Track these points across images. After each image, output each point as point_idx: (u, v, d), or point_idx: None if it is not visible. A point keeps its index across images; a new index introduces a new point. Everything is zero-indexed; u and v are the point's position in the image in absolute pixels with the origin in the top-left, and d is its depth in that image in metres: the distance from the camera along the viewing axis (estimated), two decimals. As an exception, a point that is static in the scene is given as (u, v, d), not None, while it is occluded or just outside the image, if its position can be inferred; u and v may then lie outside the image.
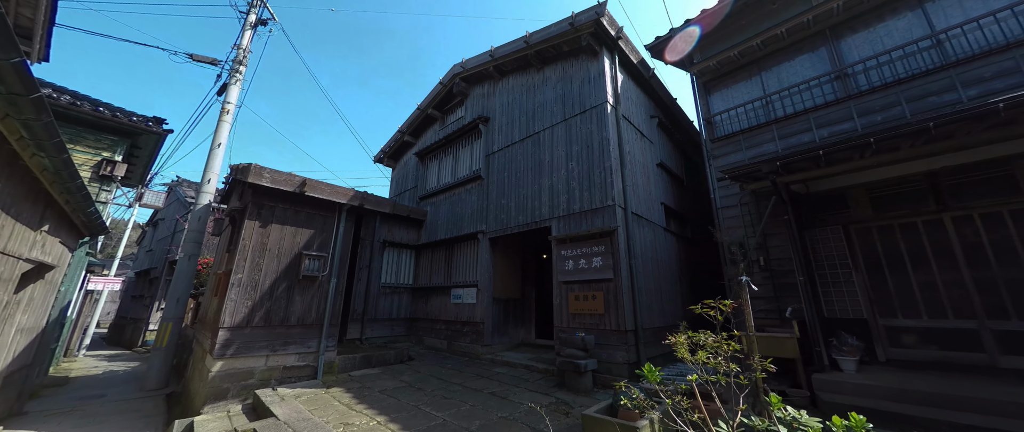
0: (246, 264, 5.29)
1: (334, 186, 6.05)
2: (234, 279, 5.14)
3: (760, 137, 6.22)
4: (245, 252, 5.31)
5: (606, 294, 5.26)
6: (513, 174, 7.40)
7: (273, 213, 5.68)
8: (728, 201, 6.40)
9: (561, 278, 5.84)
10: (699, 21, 6.70)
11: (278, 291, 5.51)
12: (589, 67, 6.55)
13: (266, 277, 5.43)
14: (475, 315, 7.25)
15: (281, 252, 5.65)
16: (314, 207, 6.13)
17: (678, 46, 7.06)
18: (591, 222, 5.74)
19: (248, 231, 5.38)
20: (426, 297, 8.68)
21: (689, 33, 6.71)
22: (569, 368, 4.90)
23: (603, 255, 5.39)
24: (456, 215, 8.56)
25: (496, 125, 8.23)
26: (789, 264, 5.67)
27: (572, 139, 6.45)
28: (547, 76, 7.37)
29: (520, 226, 6.90)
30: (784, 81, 6.28)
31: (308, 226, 6.01)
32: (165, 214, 15.83)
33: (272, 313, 5.39)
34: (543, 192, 6.66)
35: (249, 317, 5.16)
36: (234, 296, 5.09)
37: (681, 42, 6.95)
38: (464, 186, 8.57)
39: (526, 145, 7.32)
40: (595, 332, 5.25)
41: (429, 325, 8.38)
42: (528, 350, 7.25)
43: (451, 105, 9.96)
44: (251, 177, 5.18)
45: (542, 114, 7.17)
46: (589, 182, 5.94)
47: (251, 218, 5.45)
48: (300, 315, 5.65)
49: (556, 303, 5.88)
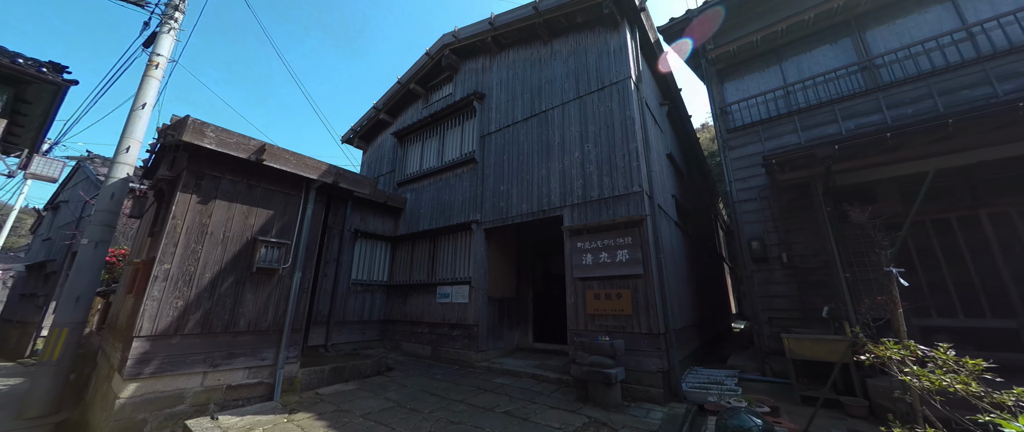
0: (177, 250, 3.96)
1: (302, 157, 4.83)
2: (158, 270, 3.80)
3: (780, 128, 5.91)
4: (176, 235, 3.98)
5: (634, 292, 4.58)
6: (514, 157, 6.55)
7: (218, 186, 4.37)
8: (746, 195, 6.03)
9: (577, 274, 5.09)
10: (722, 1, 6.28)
11: (222, 287, 4.22)
12: (608, 40, 5.87)
13: (206, 269, 4.13)
14: (467, 316, 6.31)
15: (228, 237, 4.36)
16: (274, 182, 4.87)
17: (697, 29, 6.62)
18: (613, 210, 5.05)
19: (181, 208, 4.05)
20: (405, 296, 7.56)
21: (711, 15, 6.28)
22: (595, 378, 4.16)
23: (630, 248, 4.71)
24: (443, 203, 7.53)
25: (493, 103, 7.33)
26: (814, 260, 5.37)
27: (588, 118, 5.73)
28: (556, 49, 6.60)
29: (523, 215, 6.07)
30: (804, 71, 6.03)
31: (265, 206, 4.74)
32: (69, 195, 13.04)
33: (213, 316, 4.10)
34: (552, 177, 5.88)
35: (180, 322, 3.85)
36: (157, 294, 3.77)
37: (701, 25, 6.51)
38: (453, 170, 7.57)
39: (531, 125, 6.50)
40: (621, 335, 4.55)
41: (409, 328, 7.27)
42: (528, 355, 6.43)
43: (438, 80, 8.88)
44: (188, 135, 3.87)
45: (551, 91, 6.39)
46: (610, 166, 5.26)
47: (186, 190, 4.12)
48: (252, 318, 4.39)
49: (570, 302, 5.12)
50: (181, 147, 4.14)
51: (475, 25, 7.51)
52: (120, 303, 5.01)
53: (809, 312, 5.17)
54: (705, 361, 6.58)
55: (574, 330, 4.98)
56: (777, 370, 5.24)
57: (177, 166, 4.44)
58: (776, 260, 5.55)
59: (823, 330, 4.81)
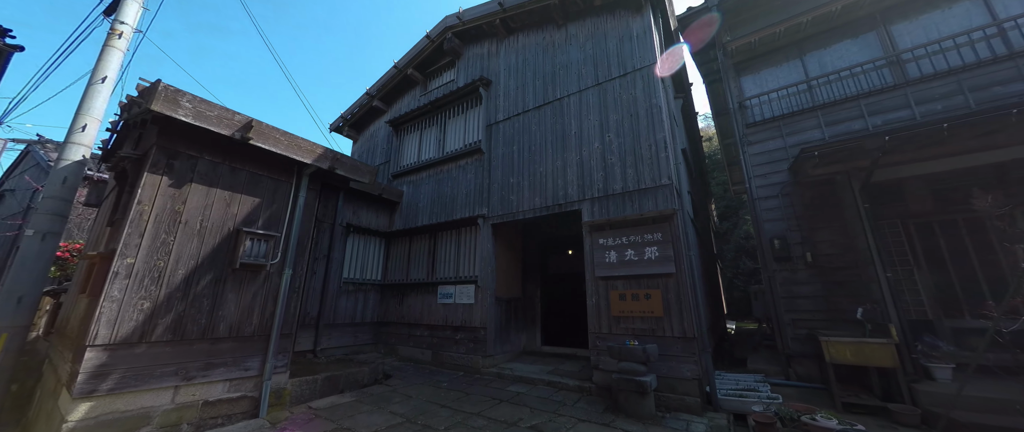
0: (143, 242, 3.32)
1: (294, 137, 4.24)
2: (119, 265, 3.16)
3: (802, 123, 5.71)
4: (142, 223, 3.34)
5: (665, 292, 4.23)
6: (525, 147, 6.11)
7: (194, 168, 3.74)
8: (767, 191, 5.80)
9: (599, 273, 4.71)
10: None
11: (199, 286, 3.60)
12: (630, 24, 5.52)
13: (179, 264, 3.50)
14: (473, 318, 5.82)
15: (206, 228, 3.73)
16: (261, 165, 4.26)
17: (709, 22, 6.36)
18: (639, 204, 4.69)
19: (149, 191, 3.41)
20: (401, 296, 7.00)
21: (731, 5, 6.02)
22: (627, 387, 3.78)
23: (660, 244, 4.36)
24: (444, 196, 7.01)
25: (501, 90, 6.87)
26: (839, 260, 5.17)
27: (609, 106, 5.36)
28: (572, 33, 6.20)
29: (536, 210, 5.64)
30: (826, 66, 5.85)
31: (251, 192, 4.12)
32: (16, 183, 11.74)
33: (187, 320, 3.47)
34: (569, 169, 5.47)
35: (146, 327, 3.22)
36: (118, 293, 3.13)
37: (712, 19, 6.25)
38: (456, 162, 7.06)
39: (543, 113, 6.08)
40: (651, 339, 4.19)
41: (405, 331, 6.72)
42: (538, 360, 6.01)
43: (438, 66, 8.33)
44: (159, 104, 3.24)
45: (566, 77, 5.99)
46: (634, 157, 4.90)
47: (156, 171, 3.48)
48: (234, 322, 3.78)
49: (591, 303, 4.73)
50: (150, 120, 3.49)
51: (483, 6, 7.03)
52: (72, 304, 4.27)
53: (836, 313, 4.96)
54: (720, 365, 6.34)
55: (596, 333, 4.60)
56: (802, 374, 5.01)
57: (144, 143, 3.78)
58: (800, 259, 5.33)
59: (852, 332, 4.60)
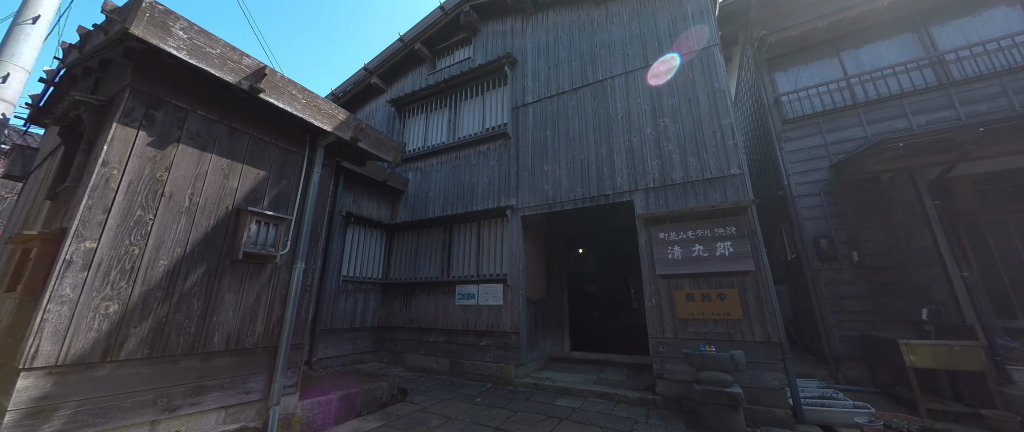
0: (110, 219, 2.36)
1: (313, 95, 3.37)
2: (72, 251, 2.20)
3: (843, 121, 5.61)
4: (108, 193, 2.38)
5: (742, 292, 3.82)
6: (561, 132, 5.54)
7: (183, 124, 2.79)
8: (806, 189, 5.64)
9: (661, 270, 4.23)
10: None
11: (187, 282, 2.67)
12: (684, 3, 5.13)
13: (160, 251, 2.56)
14: (501, 322, 5.15)
15: (198, 204, 2.80)
16: (268, 129, 3.35)
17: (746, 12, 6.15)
18: (704, 195, 4.28)
19: (120, 149, 2.45)
20: (407, 297, 6.15)
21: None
22: (714, 400, 3.30)
23: (734, 239, 3.95)
24: (461, 185, 6.27)
25: (529, 70, 6.25)
26: (887, 259, 5.06)
27: (662, 89, 4.92)
28: (612, 12, 5.73)
29: (577, 200, 5.08)
30: (863, 65, 5.81)
31: (255, 163, 3.21)
32: None
33: (171, 328, 2.54)
34: (615, 156, 4.97)
35: (112, 339, 2.27)
36: (70, 291, 2.17)
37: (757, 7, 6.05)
38: (474, 147, 6.34)
39: (582, 96, 5.54)
40: (726, 344, 3.76)
41: (415, 337, 5.89)
42: (570, 368, 5.42)
43: (450, 42, 7.55)
44: (143, 27, 2.30)
45: (609, 58, 5.49)
46: (696, 144, 4.48)
47: (129, 123, 2.52)
48: (233, 330, 2.87)
49: (650, 304, 4.24)
50: (128, 44, 2.52)
51: (509, -23, 6.37)
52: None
53: (885, 314, 4.83)
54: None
55: (659, 338, 4.10)
56: (852, 377, 4.83)
57: (113, 83, 2.78)
58: (845, 259, 5.18)
59: (906, 333, 4.46)
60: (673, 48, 4.99)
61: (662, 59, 5.47)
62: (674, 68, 5.37)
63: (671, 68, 5.39)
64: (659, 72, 5.30)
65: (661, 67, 5.32)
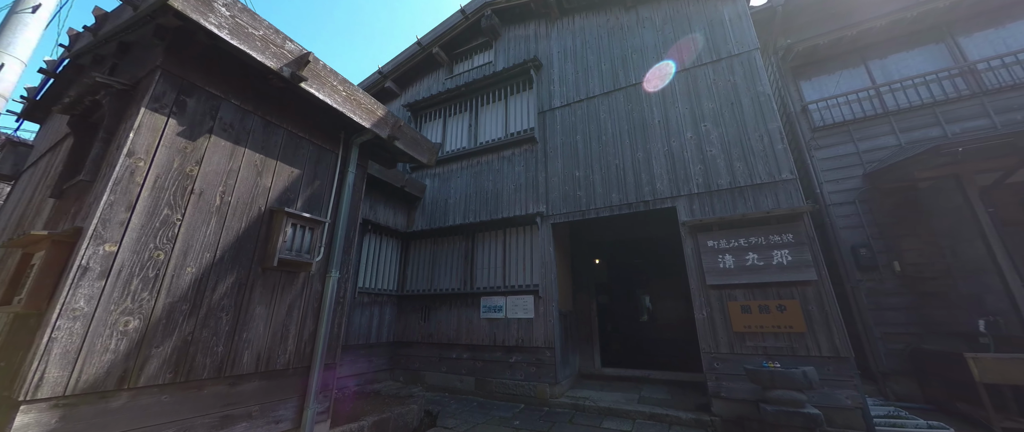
0: (133, 217, 2.02)
1: (353, 87, 3.09)
2: (89, 256, 1.84)
3: (874, 129, 5.56)
4: (133, 187, 2.04)
5: (804, 303, 3.59)
6: (593, 137, 5.35)
7: (215, 113, 2.48)
8: (840, 198, 5.53)
9: (711, 280, 3.99)
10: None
11: (216, 293, 2.31)
12: (719, 7, 5.05)
13: (187, 257, 2.21)
14: (533, 336, 4.81)
15: (229, 204, 2.46)
16: (302, 124, 3.06)
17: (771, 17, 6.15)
18: (754, 201, 4.09)
19: (147, 138, 2.12)
20: (426, 310, 5.78)
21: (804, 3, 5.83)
22: (789, 423, 3.03)
23: (792, 247, 3.75)
24: (484, 192, 5.99)
25: (555, 74, 6.09)
26: (930, 269, 4.93)
27: (701, 93, 4.79)
28: (643, 16, 5.63)
29: (614, 207, 4.85)
30: (891, 74, 5.81)
31: (288, 160, 2.90)
32: None
33: (197, 348, 2.17)
34: (654, 161, 4.78)
35: (130, 361, 1.90)
36: (85, 303, 1.80)
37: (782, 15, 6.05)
38: (498, 152, 6.10)
39: (614, 100, 5.38)
40: (792, 359, 3.51)
41: (436, 353, 5.50)
42: (605, 385, 5.09)
43: (469, 47, 7.38)
44: (182, 1, 2.01)
45: (641, 61, 5.37)
46: (742, 148, 4.32)
47: (159, 109, 2.20)
48: (263, 349, 2.50)
49: (701, 317, 3.98)
50: (156, 30, 2.22)
51: (534, -18, 6.27)
52: None
53: (930, 326, 4.67)
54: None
55: (713, 353, 3.83)
56: (901, 393, 4.62)
57: (134, 69, 2.46)
58: (886, 269, 5.04)
59: (956, 345, 4.29)
60: (710, 52, 4.89)
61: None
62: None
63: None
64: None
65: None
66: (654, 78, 5.36)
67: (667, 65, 5.43)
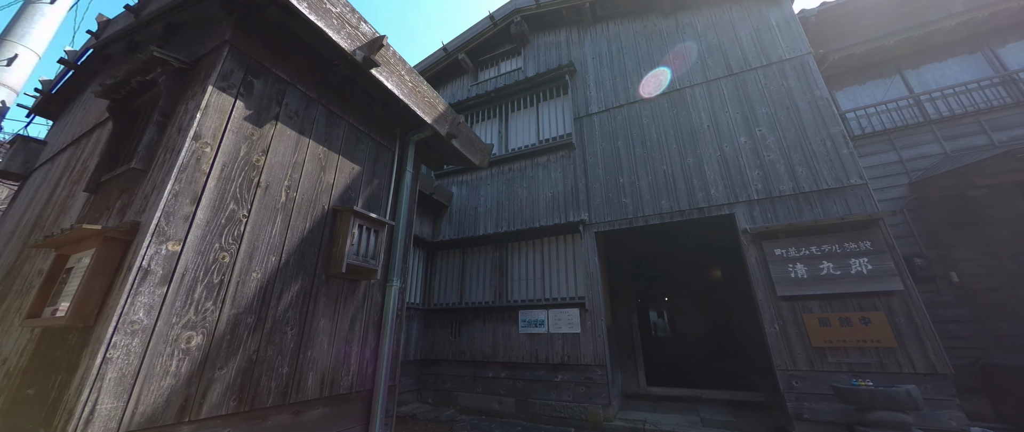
0: (198, 212, 1.70)
1: (417, 76, 2.84)
2: (149, 256, 1.51)
3: (917, 137, 5.48)
4: (199, 176, 1.73)
5: (891, 315, 3.36)
6: (637, 142, 5.16)
7: (282, 99, 2.20)
8: (887, 207, 5.36)
9: (783, 291, 3.74)
10: (848, 1, 5.90)
11: (281, 304, 1.98)
12: (766, 13, 4.99)
13: (253, 260, 1.88)
14: (581, 353, 4.48)
15: (294, 201, 2.16)
16: (362, 116, 2.79)
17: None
18: (822, 207, 3.90)
19: (215, 120, 1.83)
20: (456, 325, 5.41)
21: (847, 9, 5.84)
22: (899, 450, 2.73)
23: (872, 255, 3.54)
24: (518, 200, 5.73)
25: (591, 79, 5.95)
26: (990, 280, 4.75)
27: (752, 98, 4.65)
28: (683, 22, 5.56)
29: (664, 215, 4.63)
30: (927, 83, 5.80)
31: (349, 155, 2.61)
32: None
33: (262, 369, 1.83)
34: (706, 166, 4.59)
35: (193, 387, 1.55)
36: (144, 315, 1.46)
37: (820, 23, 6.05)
38: (532, 159, 5.88)
39: (658, 105, 5.23)
40: (882, 377, 3.24)
41: (468, 373, 5.10)
42: (655, 405, 4.73)
43: (496, 53, 7.25)
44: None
45: (684, 66, 5.25)
46: (803, 153, 4.16)
47: (227, 88, 1.91)
48: (327, 369, 2.15)
49: (772, 330, 3.71)
50: (224, 4, 1.96)
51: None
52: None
53: (996, 339, 4.45)
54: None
55: (790, 371, 3.54)
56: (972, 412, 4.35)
57: (194, 45, 2.17)
58: (942, 280, 4.85)
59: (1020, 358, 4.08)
60: (760, 56, 4.79)
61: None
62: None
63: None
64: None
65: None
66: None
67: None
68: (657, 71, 5.49)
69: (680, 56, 5.34)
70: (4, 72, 3.73)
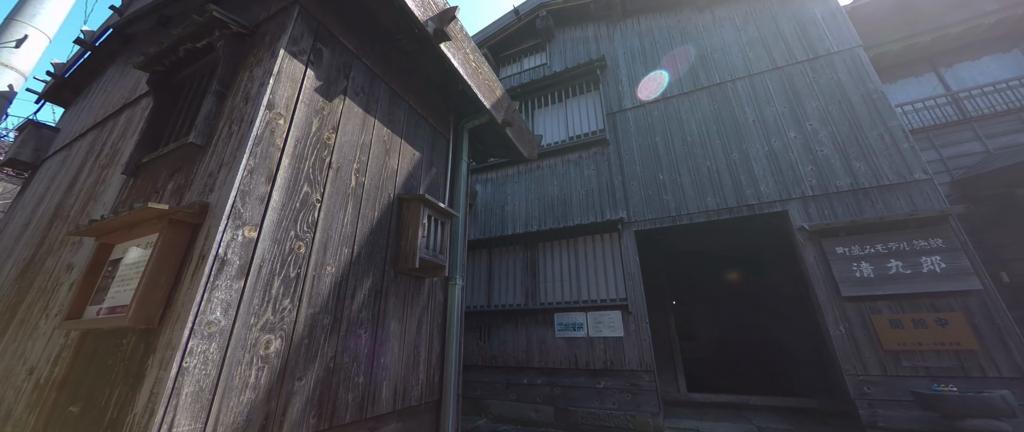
0: (273, 192, 1.45)
1: (480, 55, 2.61)
2: (225, 242, 1.25)
3: (957, 135, 5.38)
4: (272, 151, 1.47)
5: (970, 316, 3.17)
6: (676, 138, 4.98)
7: (349, 72, 1.95)
8: (929, 205, 5.26)
9: (847, 291, 3.54)
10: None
11: (355, 302, 1.72)
12: (810, 6, 4.86)
13: (326, 251, 1.62)
14: (625, 357, 4.24)
15: (363, 186, 1.91)
16: (422, 99, 2.56)
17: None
18: (884, 203, 3.72)
19: (287, 89, 1.57)
20: (486, 329, 5.14)
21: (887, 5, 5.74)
22: (1001, 463, 2.52)
23: (945, 253, 3.36)
24: (549, 198, 5.51)
25: (622, 74, 5.77)
26: (1042, 281, 4.65)
27: (800, 92, 4.50)
28: (719, 16, 5.41)
29: (710, 212, 4.43)
30: (962, 81, 5.71)
31: (411, 141, 2.37)
32: None
33: (338, 379, 1.56)
34: (754, 162, 4.41)
35: (272, 401, 1.29)
36: (221, 314, 1.20)
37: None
38: (561, 156, 5.66)
39: (697, 100, 5.05)
40: (963, 382, 3.04)
41: (500, 379, 4.83)
42: (701, 413, 4.49)
43: (518, 49, 7.05)
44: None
45: (724, 61, 5.09)
46: (860, 148, 3.99)
47: (296, 53, 1.66)
48: (398, 378, 1.89)
49: (837, 333, 3.50)
50: (291, -45, 1.72)
51: (598, -18, 6.04)
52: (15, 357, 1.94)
53: (1053, 343, 4.30)
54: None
55: (861, 377, 3.34)
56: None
57: (260, 4, 1.92)
58: (993, 280, 4.71)
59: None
60: (806, 50, 4.64)
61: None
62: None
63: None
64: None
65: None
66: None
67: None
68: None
69: (718, 50, 5.18)
70: (12, 54, 3.45)
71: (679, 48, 5.51)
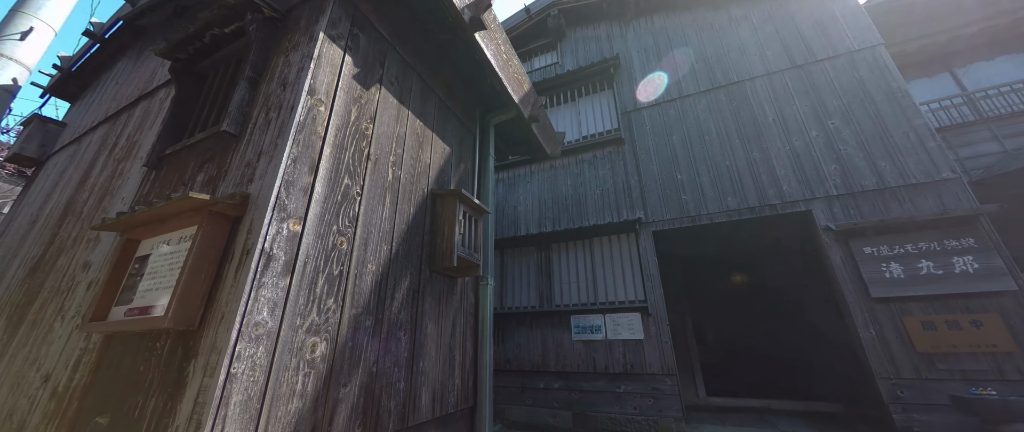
0: (316, 184, 1.34)
1: (511, 47, 2.52)
2: (271, 235, 1.14)
3: (973, 135, 5.34)
4: (314, 140, 1.37)
5: (1006, 317, 3.10)
6: (694, 137, 4.90)
7: (384, 61, 1.86)
8: (946, 206, 5.21)
9: (877, 292, 3.46)
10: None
11: (395, 302, 1.61)
12: (825, 3, 4.82)
13: (367, 247, 1.52)
14: (646, 360, 4.13)
15: (400, 180, 1.81)
16: (450, 92, 2.46)
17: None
18: (912, 203, 3.65)
19: (328, 74, 1.47)
20: (500, 332, 5.02)
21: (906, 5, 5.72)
22: (1050, 469, 2.44)
23: (977, 253, 3.29)
24: (562, 198, 5.42)
25: (636, 73, 5.71)
26: (1064, 283, 4.59)
27: (821, 90, 4.44)
28: (735, 15, 5.36)
29: (731, 212, 4.35)
30: (977, 81, 5.69)
31: (442, 135, 2.28)
32: None
33: (381, 384, 1.45)
34: (775, 161, 4.34)
35: (319, 410, 1.18)
36: (268, 314, 1.09)
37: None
38: (575, 156, 5.58)
39: (714, 98, 4.99)
40: (1002, 385, 2.96)
41: (516, 383, 4.71)
42: (723, 418, 4.39)
43: (529, 48, 6.98)
44: None
45: (741, 59, 5.03)
46: (884, 146, 3.93)
47: (335, 37, 1.56)
48: (436, 382, 1.78)
49: (868, 335, 3.42)
50: (329, -66, 1.62)
51: (610, -20, 5.99)
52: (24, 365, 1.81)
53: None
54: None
55: (894, 380, 3.25)
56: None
57: None
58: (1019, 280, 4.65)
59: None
60: (826, 48, 4.59)
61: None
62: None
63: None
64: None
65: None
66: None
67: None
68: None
69: (735, 49, 5.12)
70: (16, 46, 3.33)
71: (694, 46, 5.46)
